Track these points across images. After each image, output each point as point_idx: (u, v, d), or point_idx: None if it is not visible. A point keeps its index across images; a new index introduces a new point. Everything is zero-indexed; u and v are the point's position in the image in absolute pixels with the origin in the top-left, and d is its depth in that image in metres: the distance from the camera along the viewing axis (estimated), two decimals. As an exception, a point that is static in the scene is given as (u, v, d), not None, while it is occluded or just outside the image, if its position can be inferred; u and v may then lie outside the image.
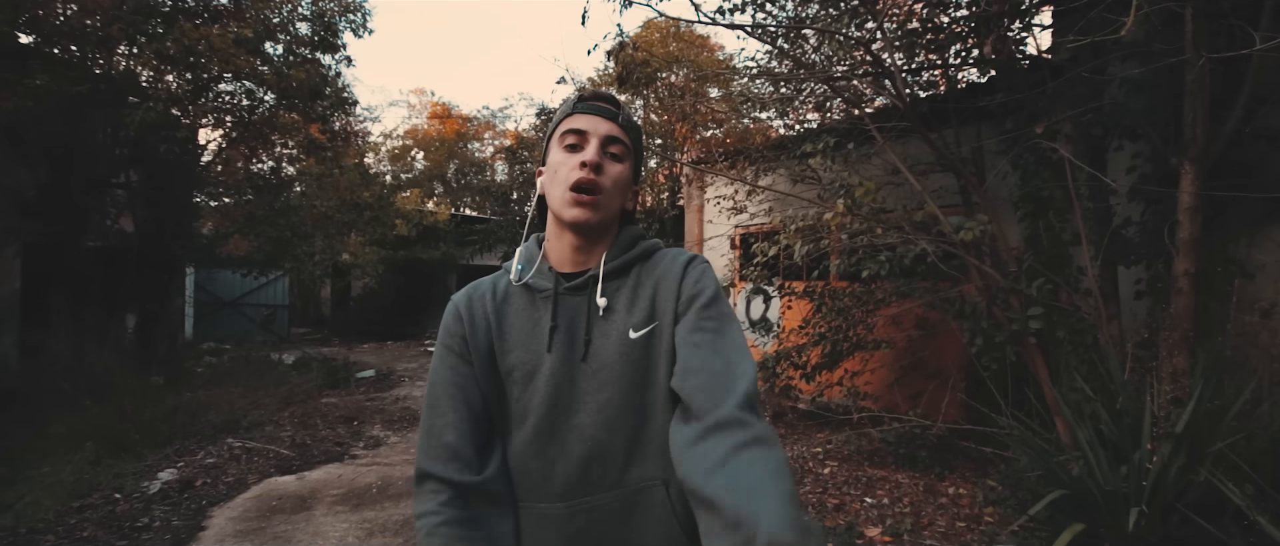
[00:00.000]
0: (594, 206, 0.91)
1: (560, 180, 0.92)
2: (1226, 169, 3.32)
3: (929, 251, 3.54)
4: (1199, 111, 2.95)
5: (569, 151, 0.93)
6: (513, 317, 0.96)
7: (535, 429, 0.91)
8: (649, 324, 0.92)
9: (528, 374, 0.92)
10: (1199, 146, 2.98)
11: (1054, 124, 3.59)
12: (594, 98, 0.97)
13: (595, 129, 0.93)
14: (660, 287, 0.94)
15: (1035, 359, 3.47)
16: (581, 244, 0.95)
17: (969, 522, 3.28)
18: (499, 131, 22.83)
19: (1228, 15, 2.98)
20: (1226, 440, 2.32)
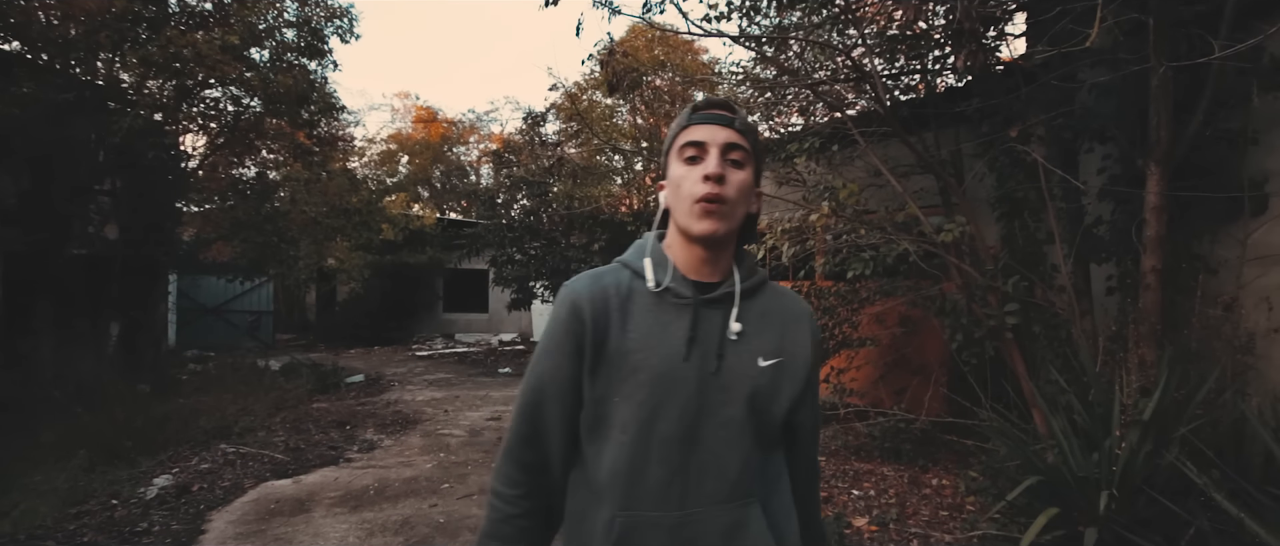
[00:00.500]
0: (721, 216, 0.90)
1: (684, 194, 0.92)
2: (1189, 170, 3.48)
3: (911, 251, 3.67)
4: (1163, 116, 3.11)
5: (689, 164, 0.93)
6: (639, 316, 0.94)
7: (661, 435, 0.90)
8: (776, 356, 0.95)
9: (656, 378, 0.90)
10: (1163, 149, 3.14)
11: (1027, 128, 3.74)
12: (709, 105, 0.96)
13: (713, 138, 0.92)
14: (791, 330, 0.98)
15: (1012, 353, 3.61)
16: (709, 255, 0.95)
17: (951, 511, 3.41)
18: (484, 135, 22.82)
19: (1189, 24, 3.14)
20: (1189, 425, 2.46)
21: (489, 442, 5.20)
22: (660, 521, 0.89)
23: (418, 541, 3.13)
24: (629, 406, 0.90)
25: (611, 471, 0.90)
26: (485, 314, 17.33)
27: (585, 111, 10.25)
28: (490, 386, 8.46)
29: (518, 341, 15.54)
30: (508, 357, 12.11)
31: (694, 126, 0.94)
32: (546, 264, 10.65)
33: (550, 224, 10.81)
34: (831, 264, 4.77)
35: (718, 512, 0.90)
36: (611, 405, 0.91)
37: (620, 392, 0.91)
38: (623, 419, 0.90)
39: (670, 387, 0.89)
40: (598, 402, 0.92)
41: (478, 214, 14.99)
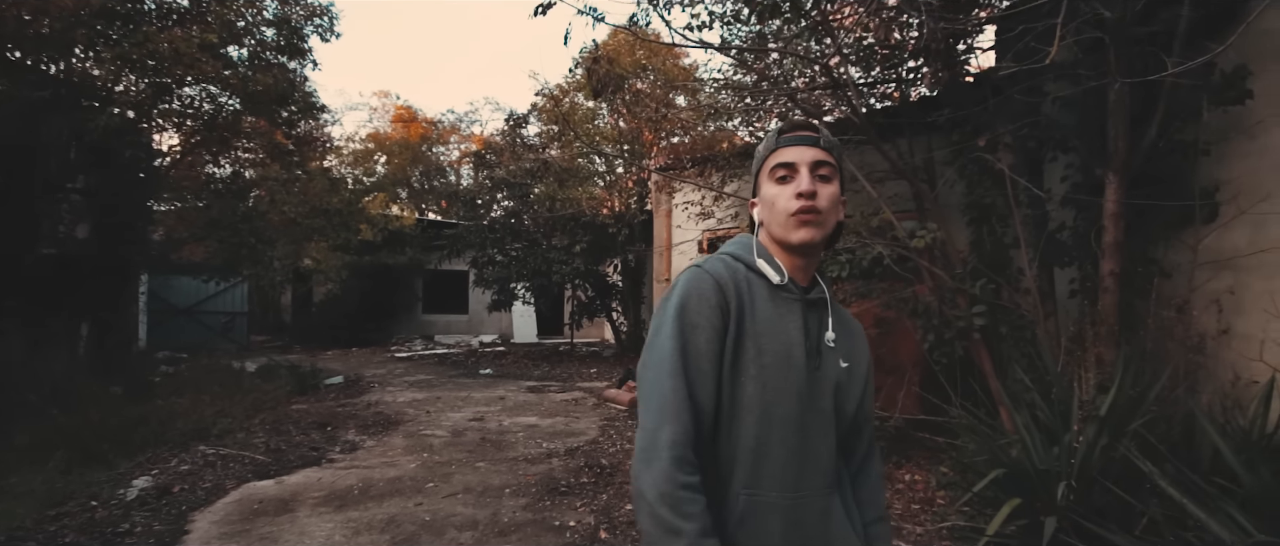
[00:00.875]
0: (816, 225, 0.98)
1: (779, 210, 1.00)
2: (1146, 179, 3.67)
3: (885, 255, 3.81)
4: (1120, 128, 3.29)
5: (781, 183, 1.00)
6: (761, 305, 1.00)
7: (780, 419, 0.96)
8: (849, 360, 1.05)
9: (778, 363, 0.96)
10: (1121, 159, 3.32)
11: (995, 137, 3.90)
12: (794, 128, 1.04)
13: (802, 158, 0.99)
14: (854, 340, 1.09)
15: (980, 353, 3.76)
16: (804, 262, 1.04)
17: (923, 505, 3.54)
18: (465, 135, 22.70)
19: (1144, 42, 3.32)
20: (1141, 420, 2.62)
21: (472, 443, 5.24)
22: (778, 502, 0.95)
23: (404, 539, 3.17)
24: (755, 387, 0.95)
25: (741, 448, 0.95)
26: (465, 315, 17.25)
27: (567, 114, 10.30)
28: (472, 387, 8.46)
29: (498, 343, 15.50)
30: (489, 359, 12.09)
31: (783, 149, 1.01)
32: (528, 265, 10.68)
33: (532, 225, 10.84)
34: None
35: (817, 498, 0.99)
36: (740, 384, 0.96)
37: (748, 373, 0.96)
38: (749, 399, 0.95)
39: (787, 375, 0.96)
40: (730, 380, 0.96)
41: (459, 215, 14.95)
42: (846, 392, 1.04)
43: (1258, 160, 3.48)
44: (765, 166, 1.04)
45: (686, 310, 0.97)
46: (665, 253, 8.60)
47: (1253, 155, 3.49)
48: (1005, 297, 3.97)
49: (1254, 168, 3.49)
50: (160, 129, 7.86)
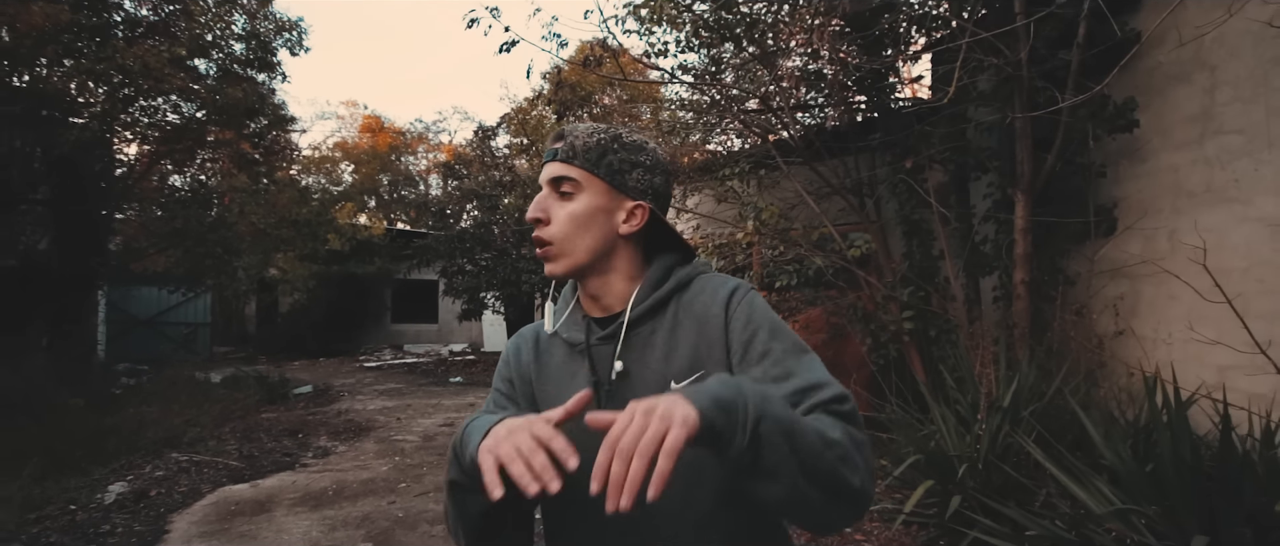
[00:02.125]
0: (553, 257, 0.85)
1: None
2: (1055, 197, 4.11)
3: (823, 266, 4.17)
4: (1025, 153, 3.70)
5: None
6: (552, 369, 0.90)
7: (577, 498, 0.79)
8: (692, 372, 0.82)
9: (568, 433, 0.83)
10: (1027, 180, 3.73)
11: (921, 159, 4.30)
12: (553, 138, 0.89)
13: (543, 176, 0.87)
14: (703, 331, 0.84)
15: (911, 354, 4.15)
16: (587, 291, 0.89)
17: (859, 493, 3.88)
18: (433, 145, 22.71)
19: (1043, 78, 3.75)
20: (1030, 409, 3.00)
21: (443, 447, 5.43)
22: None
23: (379, 533, 3.38)
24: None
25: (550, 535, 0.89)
26: (435, 324, 17.26)
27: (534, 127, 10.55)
28: (442, 395, 8.61)
29: (468, 351, 15.57)
30: (459, 367, 12.20)
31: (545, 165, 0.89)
32: (497, 274, 10.87)
33: (501, 235, 11.03)
34: (763, 275, 5.25)
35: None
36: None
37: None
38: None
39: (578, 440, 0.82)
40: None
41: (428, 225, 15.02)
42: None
43: (1147, 181, 3.94)
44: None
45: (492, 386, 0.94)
46: (631, 262, 8.89)
47: (1143, 176, 3.96)
48: (935, 304, 4.36)
49: (1144, 187, 3.96)
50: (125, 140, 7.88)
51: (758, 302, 0.86)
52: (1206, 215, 3.60)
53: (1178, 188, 3.76)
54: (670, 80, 4.50)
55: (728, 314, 0.84)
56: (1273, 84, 3.29)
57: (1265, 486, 2.14)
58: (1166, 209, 3.82)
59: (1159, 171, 3.86)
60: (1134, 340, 3.89)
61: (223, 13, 6.56)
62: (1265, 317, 3.28)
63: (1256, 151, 3.37)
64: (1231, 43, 3.47)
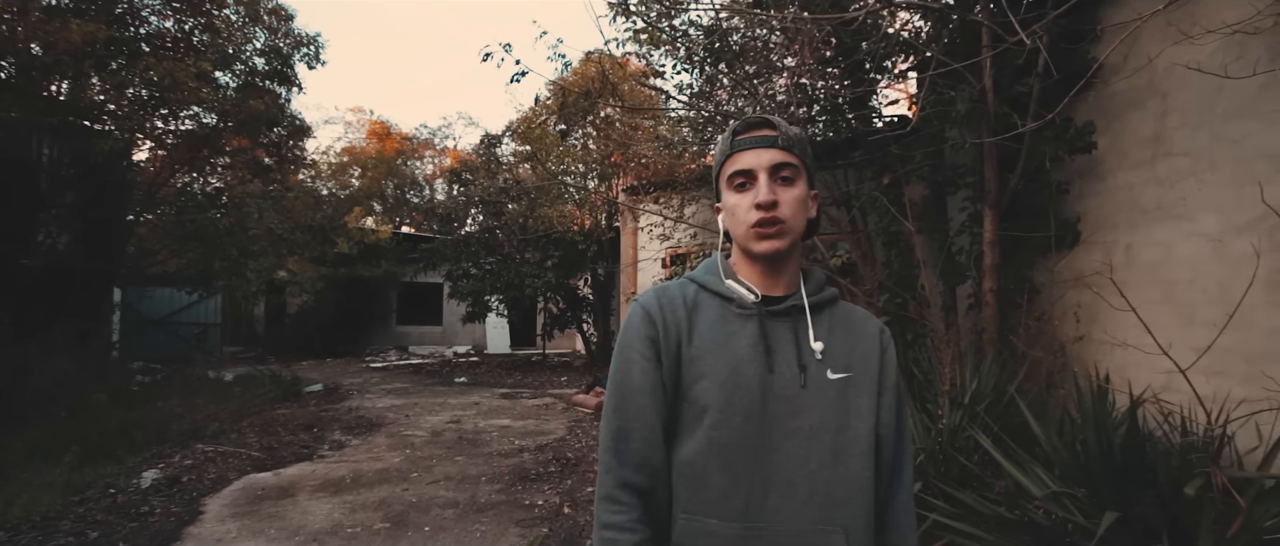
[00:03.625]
0: (779, 235, 0.93)
1: (740, 220, 0.94)
2: (1023, 212, 4.42)
3: (806, 273, 4.48)
4: (991, 172, 4.01)
5: (740, 192, 0.95)
6: (705, 326, 0.95)
7: (729, 443, 0.89)
8: (845, 371, 0.95)
9: (720, 384, 0.91)
10: (994, 197, 4.04)
11: (899, 175, 4.61)
12: (749, 128, 0.97)
13: (759, 163, 0.93)
14: (860, 345, 0.98)
15: (888, 357, 4.45)
16: (771, 270, 0.97)
17: (838, 485, 4.19)
18: (439, 150, 23.09)
19: (1012, 101, 4.07)
20: (983, 404, 3.30)
21: (450, 441, 5.74)
22: (720, 531, 0.88)
23: (395, 515, 3.69)
24: (693, 410, 0.92)
25: (677, 473, 0.92)
26: (439, 326, 17.60)
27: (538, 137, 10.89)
28: (447, 394, 8.92)
29: (472, 353, 15.90)
30: (463, 368, 12.52)
31: (738, 153, 0.95)
32: (501, 278, 11.20)
33: (506, 240, 11.37)
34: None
35: (784, 532, 0.88)
36: (682, 409, 0.93)
37: (688, 397, 0.92)
38: (688, 422, 0.92)
39: (733, 395, 0.90)
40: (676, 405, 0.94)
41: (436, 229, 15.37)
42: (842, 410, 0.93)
43: (1107, 198, 4.25)
44: (723, 172, 0.99)
45: (622, 347, 0.97)
46: (631, 268, 9.22)
47: (1103, 193, 4.26)
48: (912, 310, 4.66)
49: (1104, 204, 4.26)
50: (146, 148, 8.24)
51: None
52: (1158, 230, 3.91)
53: (1133, 204, 4.06)
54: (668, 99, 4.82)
55: (883, 344, 1.02)
56: (1215, 111, 3.60)
57: (1178, 473, 2.44)
58: (1123, 224, 4.12)
59: (1116, 189, 4.17)
60: (1092, 345, 4.19)
61: (245, 27, 6.91)
62: (1207, 324, 3.58)
63: (1200, 172, 3.67)
64: (1180, 72, 3.78)
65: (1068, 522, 2.46)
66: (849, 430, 0.93)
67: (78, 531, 3.34)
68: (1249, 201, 3.30)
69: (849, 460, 0.92)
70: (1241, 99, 3.37)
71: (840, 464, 0.91)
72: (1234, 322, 3.38)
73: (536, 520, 3.65)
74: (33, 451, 4.58)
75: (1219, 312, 3.59)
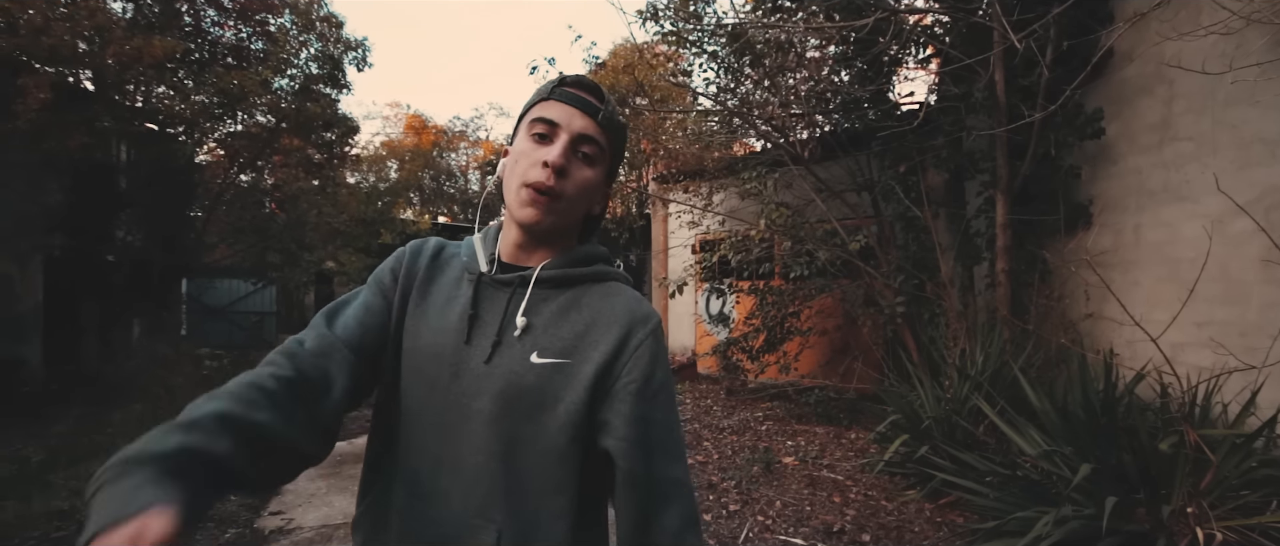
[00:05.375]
0: (548, 211, 0.81)
1: (518, 172, 0.82)
2: (1036, 196, 4.64)
3: (823, 259, 4.79)
4: (1002, 159, 4.26)
5: (536, 142, 0.82)
6: (438, 286, 0.89)
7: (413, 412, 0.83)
8: (559, 356, 0.81)
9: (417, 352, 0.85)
10: (1005, 182, 4.29)
11: (915, 163, 4.87)
12: (575, 85, 0.85)
13: (569, 123, 0.82)
14: (597, 326, 0.83)
15: (905, 334, 4.74)
16: (526, 242, 0.87)
17: (858, 452, 4.52)
18: (473, 141, 23.71)
19: (1023, 91, 4.29)
20: (987, 375, 3.59)
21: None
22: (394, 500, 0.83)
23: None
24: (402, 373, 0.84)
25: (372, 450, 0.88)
26: (477, 313, 18.23)
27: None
28: (490, 376, 9.45)
29: (508, 338, 16.45)
30: (501, 352, 13.05)
31: (552, 102, 0.83)
32: (537, 266, 11.67)
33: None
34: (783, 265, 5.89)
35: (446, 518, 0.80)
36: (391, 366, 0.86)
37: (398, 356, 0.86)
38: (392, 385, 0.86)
39: (426, 363, 0.83)
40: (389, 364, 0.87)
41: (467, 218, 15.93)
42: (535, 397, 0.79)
43: (1117, 181, 4.44)
44: (528, 115, 0.85)
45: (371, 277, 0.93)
46: (662, 255, 9.58)
47: (1114, 177, 4.46)
48: (929, 290, 4.94)
49: (1115, 187, 4.46)
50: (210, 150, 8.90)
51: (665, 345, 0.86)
52: (1165, 212, 4.11)
53: (1141, 187, 4.26)
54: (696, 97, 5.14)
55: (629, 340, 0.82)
56: (1217, 97, 3.78)
57: (1157, 433, 2.73)
58: (1132, 206, 4.32)
59: (1126, 173, 4.36)
60: (1102, 322, 4.41)
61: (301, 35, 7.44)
62: (1209, 300, 3.79)
63: (1203, 156, 3.86)
64: (1185, 60, 3.95)
65: (1054, 476, 2.77)
66: (538, 423, 0.79)
67: (193, 487, 3.89)
68: (1246, 183, 3.50)
69: (529, 456, 0.79)
70: (1241, 87, 3.55)
71: (516, 457, 0.78)
72: (1230, 297, 3.61)
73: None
74: (144, 422, 5.21)
75: (1218, 289, 3.80)
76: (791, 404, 6.03)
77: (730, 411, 6.04)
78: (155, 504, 0.54)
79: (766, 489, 3.78)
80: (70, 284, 8.38)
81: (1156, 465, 2.58)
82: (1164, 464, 2.58)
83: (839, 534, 3.12)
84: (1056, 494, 2.71)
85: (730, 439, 5.03)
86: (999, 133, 4.08)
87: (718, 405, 6.34)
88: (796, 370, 6.23)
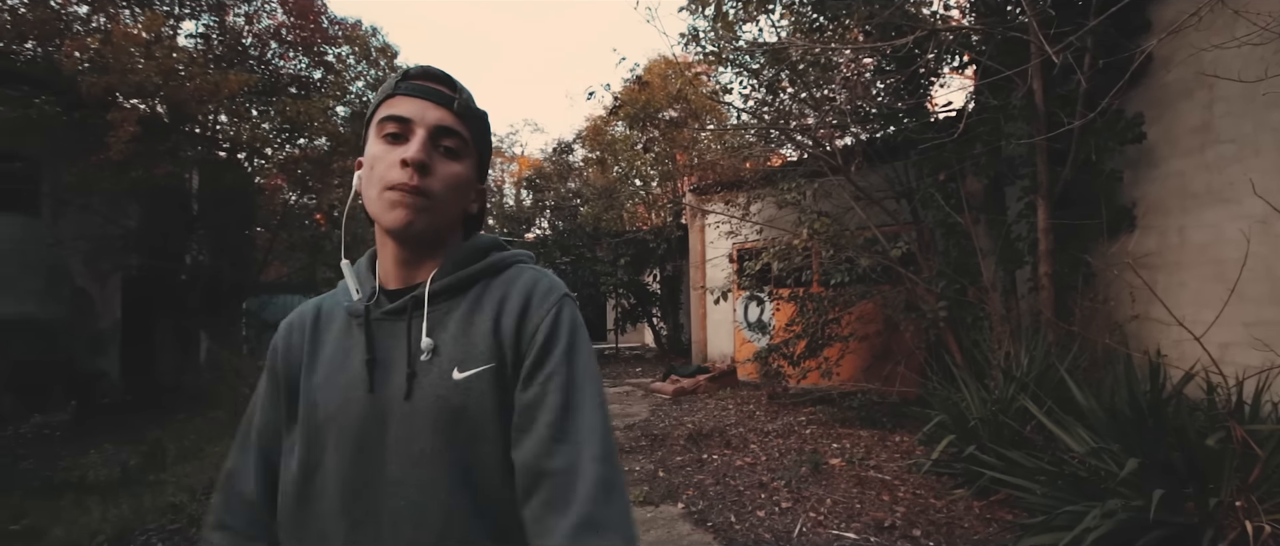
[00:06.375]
0: (418, 210, 0.74)
1: (376, 178, 0.75)
2: (1077, 200, 4.71)
3: (863, 266, 4.93)
4: (1042, 166, 4.35)
5: (390, 142, 0.75)
6: (328, 345, 0.80)
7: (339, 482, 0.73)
8: (482, 363, 0.74)
9: (330, 414, 0.75)
10: (1046, 188, 4.38)
11: (955, 171, 4.98)
12: (422, 76, 0.78)
13: (422, 117, 0.75)
14: (502, 318, 0.76)
15: (948, 338, 4.84)
16: (407, 256, 0.79)
17: (903, 454, 4.63)
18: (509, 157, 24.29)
19: (1060, 98, 4.38)
20: (1032, 374, 3.68)
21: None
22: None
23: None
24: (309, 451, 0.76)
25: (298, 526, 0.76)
26: (516, 324, 18.67)
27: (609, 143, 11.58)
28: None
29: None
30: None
31: (399, 98, 0.77)
32: (576, 276, 12.00)
33: (579, 241, 12.16)
34: (823, 272, 6.04)
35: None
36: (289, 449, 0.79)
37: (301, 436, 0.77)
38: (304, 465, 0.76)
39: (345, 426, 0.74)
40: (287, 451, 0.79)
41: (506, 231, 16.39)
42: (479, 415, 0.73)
43: (1160, 184, 4.49)
44: (376, 116, 0.78)
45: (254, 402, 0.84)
46: (700, 265, 9.77)
47: (1156, 179, 4.51)
48: (971, 295, 5.03)
49: (1157, 189, 4.51)
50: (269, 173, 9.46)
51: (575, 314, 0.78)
52: (1208, 213, 4.15)
53: (1184, 190, 4.30)
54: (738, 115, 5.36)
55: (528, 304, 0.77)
56: (1257, 100, 3.83)
57: (1205, 429, 2.81)
58: (1176, 208, 4.37)
59: (1169, 176, 4.41)
60: (1149, 324, 4.45)
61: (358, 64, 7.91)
62: (1254, 300, 3.83)
63: (1245, 158, 3.91)
64: (1225, 64, 4.00)
65: (1101, 471, 2.87)
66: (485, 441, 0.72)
67: (281, 486, 4.23)
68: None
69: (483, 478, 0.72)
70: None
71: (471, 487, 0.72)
72: (1277, 297, 3.65)
73: (636, 482, 4.29)
74: (222, 429, 5.62)
75: (1264, 289, 3.84)
76: (834, 408, 6.14)
77: (773, 416, 6.18)
78: None
79: (816, 488, 3.93)
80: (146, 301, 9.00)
81: (1204, 460, 2.67)
82: (1211, 459, 2.67)
83: (889, 529, 3.26)
84: (1104, 489, 2.81)
85: (775, 442, 5.18)
86: (1038, 141, 4.18)
87: (760, 410, 6.49)
88: (838, 375, 6.34)
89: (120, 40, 5.85)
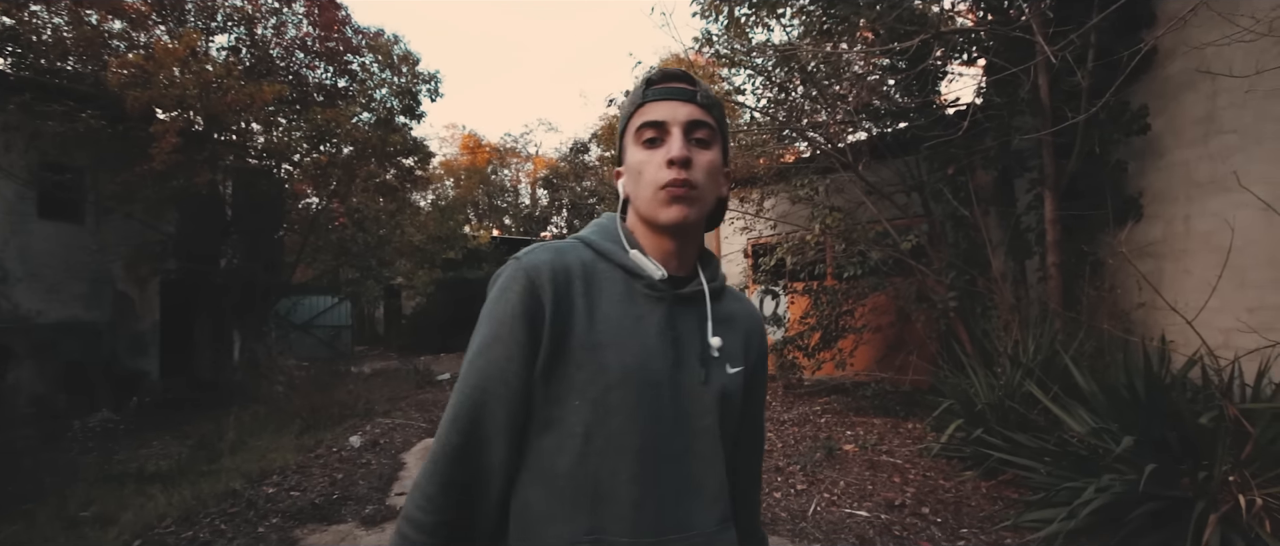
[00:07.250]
0: (689, 202, 0.80)
1: (646, 182, 0.81)
2: (1084, 191, 4.83)
3: (875, 259, 5.08)
4: (1048, 158, 4.48)
5: (649, 147, 0.81)
6: (609, 306, 0.80)
7: (633, 447, 0.76)
8: (740, 365, 0.88)
9: (626, 378, 0.77)
10: (1052, 180, 4.51)
11: (963, 164, 5.11)
12: (665, 79, 0.85)
13: (674, 116, 0.81)
14: (752, 338, 0.92)
15: (958, 327, 4.99)
16: (676, 246, 0.85)
17: (914, 440, 4.79)
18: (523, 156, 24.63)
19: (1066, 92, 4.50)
20: (1037, 360, 3.83)
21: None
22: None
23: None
24: (595, 411, 0.76)
25: (575, 485, 0.76)
26: (535, 321, 18.97)
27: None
28: (556, 380, 10.01)
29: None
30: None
31: (650, 104, 0.83)
32: (595, 274, 12.23)
33: (596, 239, 12.37)
34: (836, 265, 6.19)
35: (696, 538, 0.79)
36: (571, 408, 0.77)
37: (584, 394, 0.77)
38: (587, 424, 0.76)
39: (643, 392, 0.78)
40: (554, 403, 0.77)
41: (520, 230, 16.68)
42: (735, 404, 0.87)
43: (1166, 174, 4.60)
44: (630, 126, 0.85)
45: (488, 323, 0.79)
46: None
47: (1161, 170, 4.61)
48: (981, 285, 5.16)
49: (1164, 180, 4.61)
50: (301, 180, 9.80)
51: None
52: (1212, 202, 4.25)
53: (1189, 179, 4.41)
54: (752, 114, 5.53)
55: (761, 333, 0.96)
56: (1259, 91, 3.93)
57: (1200, 408, 2.96)
58: (1181, 198, 4.47)
59: (1174, 166, 4.51)
60: (1155, 311, 4.56)
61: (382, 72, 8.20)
62: (1258, 286, 3.94)
63: (1248, 147, 4.01)
64: (1227, 56, 4.10)
65: (1101, 450, 3.03)
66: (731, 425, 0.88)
67: (326, 475, 4.50)
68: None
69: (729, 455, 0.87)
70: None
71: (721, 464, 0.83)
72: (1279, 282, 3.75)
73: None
74: (265, 422, 5.93)
75: (1266, 275, 3.94)
76: (848, 398, 6.31)
77: (789, 406, 6.36)
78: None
79: (830, 471, 4.12)
80: (184, 304, 9.39)
81: (1199, 437, 2.82)
82: (1205, 436, 2.82)
83: (899, 508, 3.44)
84: (1103, 466, 2.97)
85: (792, 430, 5.36)
86: (1044, 136, 4.31)
87: (776, 400, 6.67)
88: (852, 366, 6.50)
89: (162, 56, 6.17)
